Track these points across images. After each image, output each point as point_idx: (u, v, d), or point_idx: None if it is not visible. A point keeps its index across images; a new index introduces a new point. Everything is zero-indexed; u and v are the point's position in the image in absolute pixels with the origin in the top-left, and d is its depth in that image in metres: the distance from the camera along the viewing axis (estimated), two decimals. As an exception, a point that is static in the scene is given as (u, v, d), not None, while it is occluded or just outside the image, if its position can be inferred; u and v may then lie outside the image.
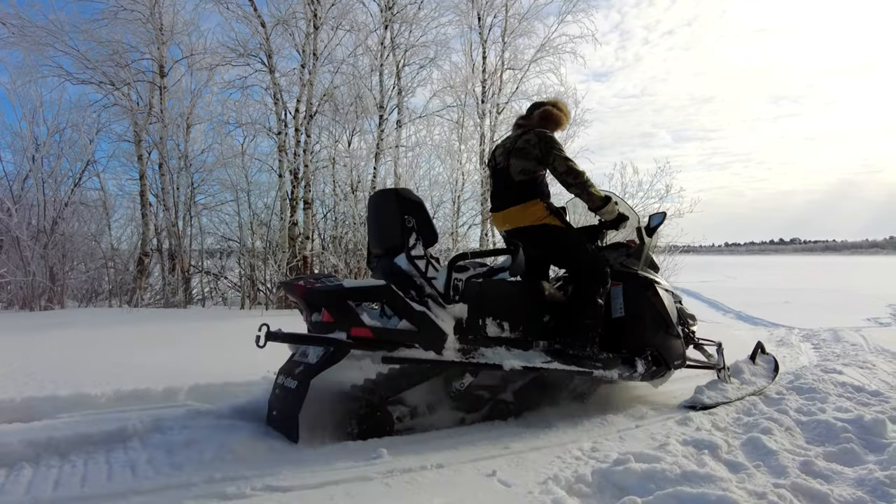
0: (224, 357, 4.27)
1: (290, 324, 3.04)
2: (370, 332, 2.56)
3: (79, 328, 5.88)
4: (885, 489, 2.41)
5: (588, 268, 3.29)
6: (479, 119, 10.67)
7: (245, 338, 3.43)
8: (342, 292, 2.55)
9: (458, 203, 10.07)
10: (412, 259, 2.84)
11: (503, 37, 10.71)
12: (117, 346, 4.68)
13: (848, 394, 4.15)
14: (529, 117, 3.46)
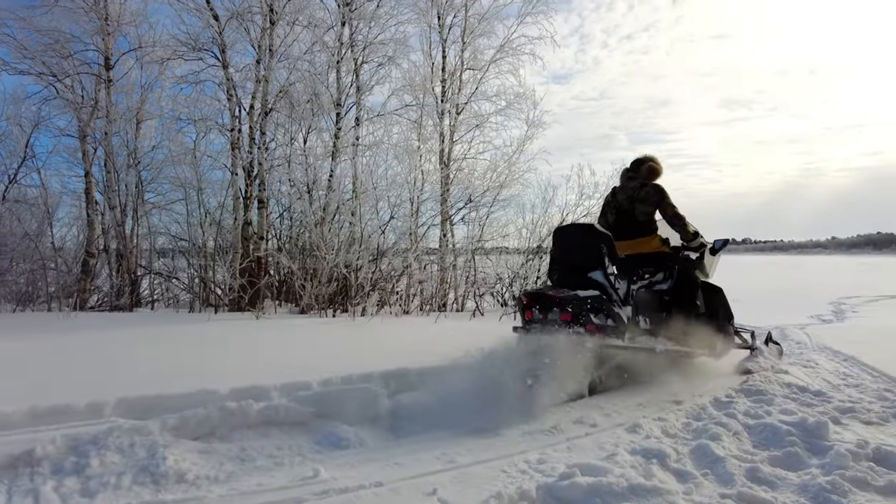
0: (164, 366, 4.05)
1: (248, 327, 2.88)
2: (595, 327, 3.76)
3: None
4: (826, 495, 2.42)
5: (690, 282, 4.64)
6: (438, 119, 10.56)
7: (188, 344, 3.25)
8: (581, 301, 3.77)
9: (418, 203, 9.94)
10: (606, 275, 4.05)
11: (463, 36, 10.62)
12: (45, 354, 4.39)
13: (793, 395, 4.22)
14: (638, 171, 4.64)
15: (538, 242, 10.65)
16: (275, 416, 2.92)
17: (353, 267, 8.05)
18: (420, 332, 6.14)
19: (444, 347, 4.84)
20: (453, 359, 4.00)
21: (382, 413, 3.28)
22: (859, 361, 5.75)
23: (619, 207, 4.65)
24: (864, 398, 4.17)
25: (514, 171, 10.51)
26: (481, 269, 10.58)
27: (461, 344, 4.46)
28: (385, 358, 4.10)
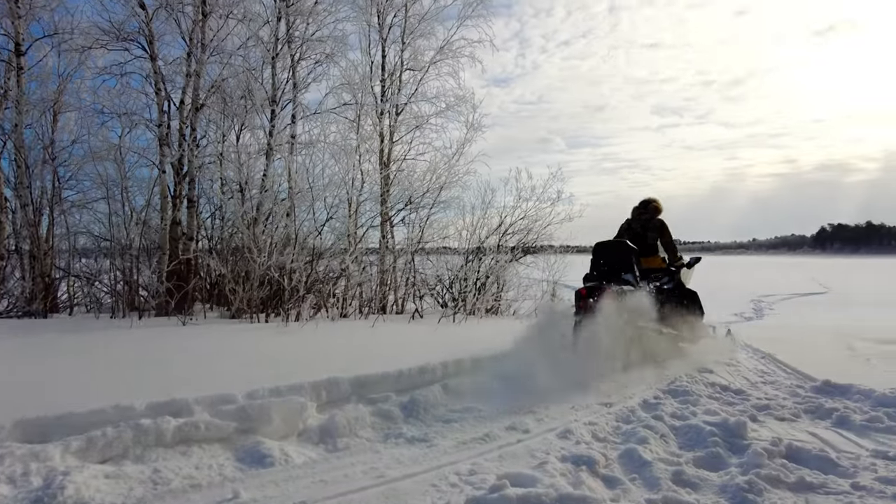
0: (73, 380, 3.75)
1: (173, 334, 2.70)
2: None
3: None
4: (744, 495, 2.52)
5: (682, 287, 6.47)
6: (377, 119, 10.42)
7: (104, 354, 3.02)
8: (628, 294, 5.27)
9: (357, 204, 9.77)
10: (634, 276, 5.63)
11: (403, 37, 10.51)
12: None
13: (717, 394, 4.40)
14: (647, 209, 6.55)
15: (478, 244, 10.72)
16: (195, 432, 2.76)
17: (288, 269, 7.81)
18: (357, 336, 6.02)
19: (384, 352, 4.78)
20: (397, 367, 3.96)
21: (312, 426, 3.17)
22: (775, 359, 6.09)
23: (634, 232, 6.49)
24: (778, 395, 4.41)
25: (453, 173, 10.51)
26: (422, 270, 10.54)
27: (397, 349, 4.40)
28: (317, 366, 3.97)
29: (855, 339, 7.66)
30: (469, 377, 4.31)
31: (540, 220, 11.26)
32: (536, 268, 11.87)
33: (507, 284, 11.25)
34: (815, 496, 2.53)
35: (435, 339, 6.00)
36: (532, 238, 11.40)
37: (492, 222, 11.05)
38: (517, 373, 4.65)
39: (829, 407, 3.88)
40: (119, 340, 5.22)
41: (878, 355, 6.15)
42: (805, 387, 4.58)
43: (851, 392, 4.28)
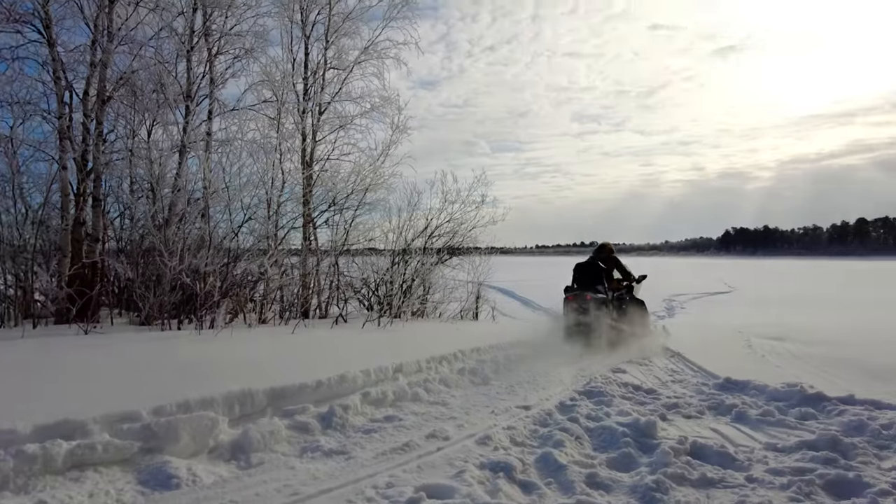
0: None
1: (73, 344, 2.47)
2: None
3: None
4: (652, 494, 2.63)
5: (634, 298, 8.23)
6: (300, 117, 10.15)
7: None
8: (602, 300, 7.35)
9: (277, 204, 9.45)
10: (605, 290, 7.57)
11: (327, 35, 10.29)
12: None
13: (629, 394, 4.58)
14: (603, 250, 8.32)
15: (404, 246, 10.68)
16: (90, 455, 2.55)
17: (202, 273, 7.43)
18: (275, 344, 5.81)
19: (303, 360, 4.64)
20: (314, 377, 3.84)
21: (223, 442, 3.02)
22: (684, 358, 6.45)
23: (597, 266, 8.06)
24: (686, 393, 4.66)
25: (379, 175, 10.40)
26: (346, 272, 10.37)
27: (318, 357, 4.28)
28: (231, 377, 3.78)
29: (753, 336, 8.26)
30: (391, 385, 4.27)
31: (465, 222, 11.40)
32: (462, 270, 12.00)
33: (433, 287, 11.29)
34: (715, 491, 2.69)
35: (358, 345, 5.90)
36: (458, 240, 11.51)
37: (418, 224, 11.06)
38: (446, 378, 4.68)
39: (729, 403, 4.14)
40: (6, 352, 4.75)
41: (771, 352, 6.66)
42: (709, 384, 4.88)
43: (749, 388, 4.60)
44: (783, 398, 4.22)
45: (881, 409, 3.76)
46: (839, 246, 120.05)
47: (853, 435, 3.34)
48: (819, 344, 6.91)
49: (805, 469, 2.82)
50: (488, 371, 5.20)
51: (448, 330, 8.18)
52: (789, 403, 4.08)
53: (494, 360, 5.65)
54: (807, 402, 4.04)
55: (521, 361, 5.94)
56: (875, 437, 3.30)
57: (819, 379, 4.82)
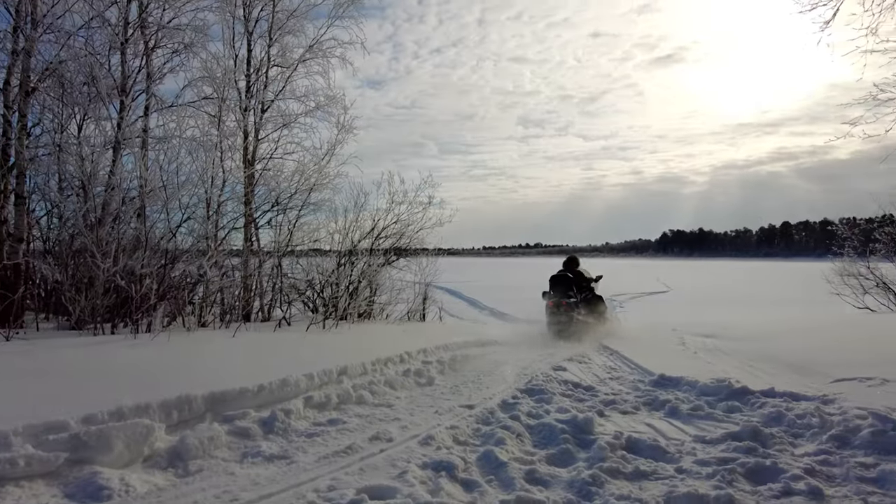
0: None
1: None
2: (573, 310, 9.08)
3: None
4: (588, 489, 2.72)
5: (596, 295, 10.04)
6: (241, 115, 9.89)
7: None
8: (573, 303, 9.24)
9: (217, 204, 9.17)
10: (575, 293, 9.42)
11: (270, 32, 10.09)
12: None
13: (569, 391, 4.72)
14: (571, 262, 10.37)
15: (350, 247, 10.59)
16: (11, 470, 2.40)
17: (137, 275, 7.13)
18: (215, 348, 5.65)
19: (244, 364, 4.54)
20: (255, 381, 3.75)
21: (160, 450, 2.93)
22: (622, 356, 6.68)
23: (569, 276, 9.89)
24: (623, 389, 4.84)
25: (324, 175, 10.26)
26: (291, 274, 10.19)
27: (259, 361, 4.19)
28: (168, 382, 3.66)
29: (687, 333, 8.65)
30: (335, 388, 4.23)
31: (412, 224, 11.42)
32: (410, 271, 12.01)
33: (380, 288, 11.24)
34: (647, 483, 2.82)
35: (302, 348, 5.81)
36: (405, 242, 11.51)
37: (365, 225, 10.99)
38: (392, 380, 4.67)
39: (662, 398, 4.34)
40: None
41: (703, 349, 7.00)
42: (645, 381, 5.09)
43: (681, 384, 4.83)
44: (712, 393, 4.45)
45: (797, 401, 4.03)
46: (767, 247, 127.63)
47: (772, 425, 3.57)
48: (747, 340, 7.32)
49: (728, 459, 2.99)
50: (434, 372, 5.24)
51: (394, 332, 8.17)
52: (718, 398, 4.31)
53: (440, 360, 5.70)
54: (733, 396, 4.28)
55: (466, 361, 6.02)
56: (791, 426, 3.54)
57: (746, 374, 5.11)
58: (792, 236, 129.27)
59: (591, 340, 8.42)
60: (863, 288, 12.50)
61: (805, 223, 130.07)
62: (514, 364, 6.11)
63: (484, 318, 17.57)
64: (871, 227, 13.32)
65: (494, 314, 18.81)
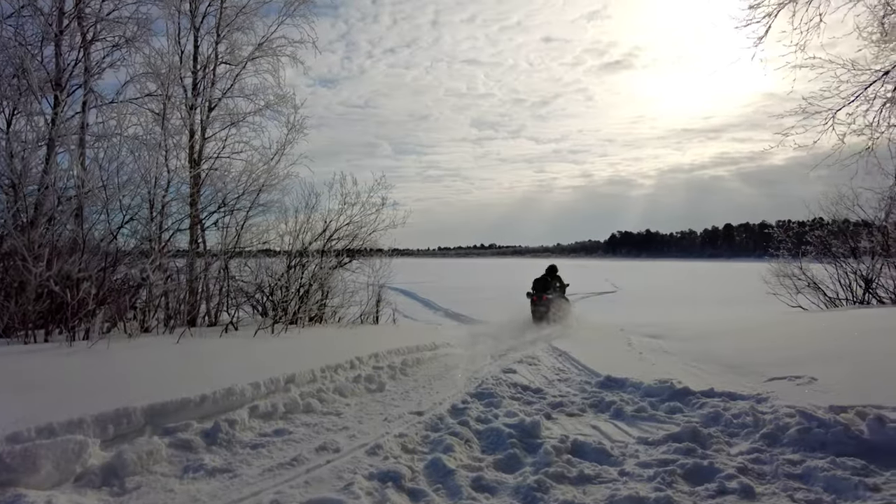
0: None
1: None
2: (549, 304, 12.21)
3: None
4: (534, 494, 2.76)
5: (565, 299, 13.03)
6: (187, 112, 9.56)
7: None
8: (549, 299, 12.28)
9: (161, 204, 8.83)
10: (550, 292, 12.59)
11: (218, 28, 9.81)
12: None
13: (518, 394, 4.77)
14: (552, 269, 13.40)
15: (301, 248, 10.42)
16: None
17: (74, 279, 6.79)
18: (157, 355, 5.42)
19: (187, 373, 4.39)
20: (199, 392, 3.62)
21: (94, 467, 2.79)
22: (570, 357, 6.81)
23: (547, 279, 12.85)
24: (570, 391, 4.93)
25: (273, 175, 10.03)
26: (239, 276, 9.93)
27: (203, 369, 4.05)
28: (105, 394, 3.50)
29: (633, 334, 8.91)
30: (282, 396, 4.15)
31: (366, 225, 11.33)
32: (363, 273, 11.90)
33: (332, 291, 11.09)
34: (591, 487, 2.88)
35: (249, 355, 5.66)
36: (358, 243, 11.40)
37: (316, 227, 10.84)
38: (341, 387, 4.60)
39: (608, 400, 4.45)
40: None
41: (648, 349, 7.21)
42: (592, 382, 5.20)
43: (627, 385, 4.96)
44: (656, 394, 4.59)
45: (734, 400, 4.20)
46: (711, 248, 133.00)
47: (710, 425, 3.71)
48: (690, 340, 7.57)
49: (669, 460, 3.09)
50: (385, 377, 5.21)
51: (346, 336, 8.08)
52: (661, 399, 4.45)
53: (391, 365, 5.67)
54: (675, 397, 4.42)
55: (418, 366, 6.01)
56: (727, 426, 3.69)
57: (688, 374, 5.29)
58: (734, 238, 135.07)
59: (555, 324, 11.40)
60: (796, 288, 13.17)
61: (746, 225, 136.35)
62: (465, 368, 6.14)
63: (438, 320, 17.62)
64: (804, 230, 14.04)
65: (449, 315, 18.91)
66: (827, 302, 12.74)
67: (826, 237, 13.27)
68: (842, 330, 6.78)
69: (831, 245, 13.04)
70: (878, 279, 12.23)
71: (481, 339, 9.96)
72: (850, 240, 12.93)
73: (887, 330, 6.29)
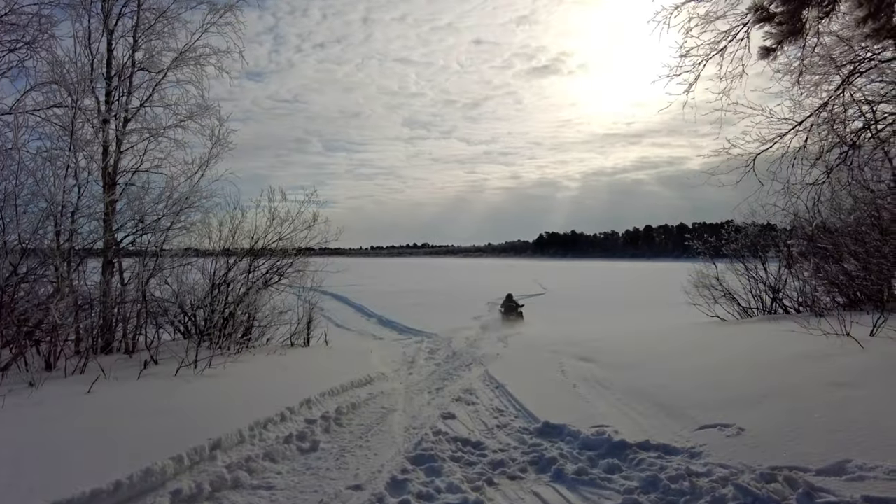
0: None
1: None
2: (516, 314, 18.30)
3: None
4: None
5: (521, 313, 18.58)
6: (100, 124, 8.79)
7: None
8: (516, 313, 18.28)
9: (71, 222, 8.07)
10: (514, 308, 18.48)
11: (135, 33, 9.10)
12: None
13: (458, 452, 4.71)
14: (511, 296, 19.25)
15: (226, 269, 9.93)
16: None
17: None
18: (57, 419, 4.87)
19: (93, 444, 3.95)
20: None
21: None
22: (507, 391, 6.78)
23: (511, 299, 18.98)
24: (510, 444, 4.87)
25: (196, 191, 9.45)
26: (160, 295, 9.32)
27: (114, 435, 3.61)
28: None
29: (564, 355, 9.04)
30: (209, 467, 3.83)
31: (296, 242, 10.98)
32: (292, 291, 11.49)
33: (260, 310, 10.63)
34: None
35: (169, 408, 5.12)
36: (287, 262, 10.97)
37: (242, 244, 10.38)
38: (272, 450, 4.31)
39: (549, 457, 4.41)
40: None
41: (580, 378, 7.28)
42: (530, 429, 5.16)
43: (564, 433, 4.95)
44: (594, 446, 4.60)
45: (669, 455, 4.29)
46: (632, 249, 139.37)
47: (650, 491, 3.74)
48: (619, 368, 7.68)
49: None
50: (318, 431, 4.95)
51: (275, 370, 7.68)
52: (599, 453, 4.47)
53: (325, 416, 5.39)
54: (613, 452, 4.45)
55: (353, 412, 5.78)
56: (665, 493, 3.72)
57: (622, 417, 5.35)
58: (653, 239, 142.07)
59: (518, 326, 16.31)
60: (713, 298, 13.95)
61: (665, 227, 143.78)
62: (402, 411, 5.97)
63: (372, 328, 17.33)
64: (720, 243, 14.85)
65: (382, 322, 18.65)
66: (741, 311, 13.55)
67: (740, 250, 14.11)
68: (765, 360, 7.04)
69: (745, 256, 13.91)
70: (783, 290, 13.14)
71: (417, 361, 9.84)
72: (761, 253, 13.84)
73: (802, 357, 6.60)
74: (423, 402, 6.44)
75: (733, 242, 14.34)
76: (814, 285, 12.09)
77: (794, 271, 12.77)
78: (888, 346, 6.37)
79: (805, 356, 6.53)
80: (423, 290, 32.02)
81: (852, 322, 6.95)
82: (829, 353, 6.48)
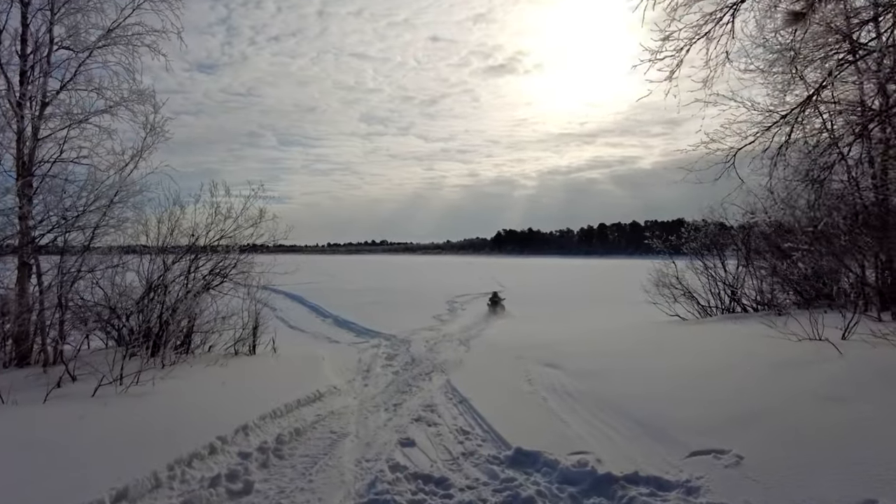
0: None
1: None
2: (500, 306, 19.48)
3: None
4: None
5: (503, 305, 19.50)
6: (15, 108, 7.75)
7: None
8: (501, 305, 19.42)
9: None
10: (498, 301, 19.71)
11: (53, 6, 8.06)
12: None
13: (420, 494, 4.05)
14: (496, 293, 20.52)
15: (163, 270, 9.03)
16: None
17: None
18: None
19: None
20: None
21: None
22: (471, 407, 6.19)
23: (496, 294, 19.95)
24: (479, 478, 4.25)
25: (128, 184, 8.49)
26: (90, 297, 8.39)
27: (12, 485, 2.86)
28: None
29: (530, 361, 8.54)
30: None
31: (241, 239, 10.15)
32: (236, 294, 10.60)
33: (200, 315, 9.75)
34: None
35: (77, 444, 4.24)
36: (230, 262, 10.12)
37: (181, 242, 9.48)
38: (194, 498, 3.59)
39: (525, 496, 3.80)
40: None
41: (549, 389, 6.76)
42: (501, 458, 4.56)
43: (540, 463, 4.36)
44: (575, 480, 4.04)
45: (663, 491, 3.76)
46: (587, 246, 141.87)
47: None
48: (587, 377, 7.18)
49: None
50: (253, 468, 4.21)
51: (211, 386, 6.87)
52: (582, 489, 3.91)
53: (263, 446, 4.64)
54: (598, 487, 3.90)
55: (297, 439, 5.06)
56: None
57: (602, 439, 4.82)
58: (607, 236, 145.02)
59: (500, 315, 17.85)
60: (673, 297, 13.83)
61: (618, 224, 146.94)
62: (354, 436, 5.29)
63: (326, 330, 16.47)
64: (680, 242, 14.73)
65: (338, 323, 17.79)
66: (700, 310, 13.43)
67: (699, 248, 14.01)
68: (742, 368, 6.67)
69: (703, 254, 13.81)
70: (741, 289, 13.09)
71: (374, 369, 9.18)
72: (718, 251, 13.78)
73: (783, 364, 6.25)
74: (379, 422, 5.77)
75: (692, 241, 14.24)
76: (771, 283, 12.05)
77: (752, 269, 12.74)
78: (865, 351, 6.09)
79: (785, 364, 6.18)
80: (381, 288, 31.17)
81: (816, 323, 6.69)
82: (808, 359, 6.16)
